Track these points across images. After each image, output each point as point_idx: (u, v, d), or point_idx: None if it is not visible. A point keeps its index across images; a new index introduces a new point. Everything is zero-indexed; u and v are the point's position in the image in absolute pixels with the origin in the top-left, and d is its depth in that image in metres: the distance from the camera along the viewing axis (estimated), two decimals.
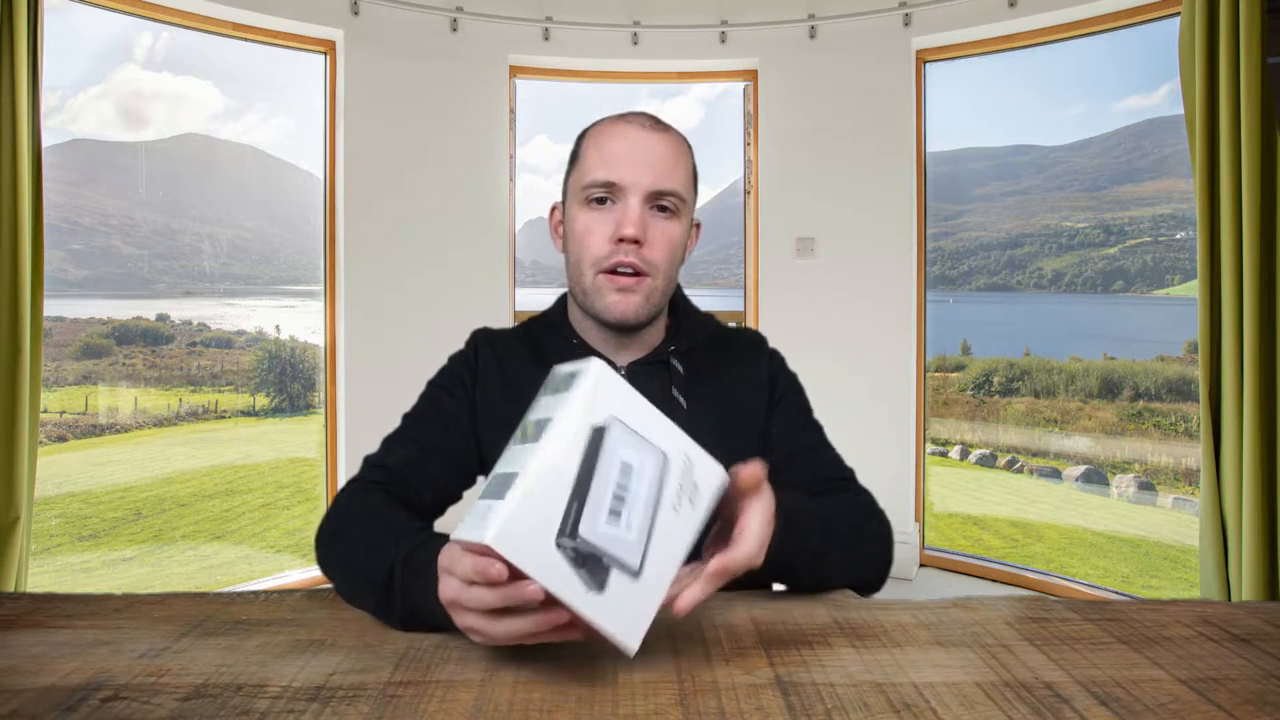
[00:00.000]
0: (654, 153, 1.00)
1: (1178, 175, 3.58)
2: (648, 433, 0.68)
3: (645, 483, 0.67)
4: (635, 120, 1.03)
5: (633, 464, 0.66)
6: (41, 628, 0.80)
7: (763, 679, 0.69)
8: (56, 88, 3.24)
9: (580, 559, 0.63)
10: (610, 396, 0.67)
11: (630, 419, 0.67)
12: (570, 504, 0.63)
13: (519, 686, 0.68)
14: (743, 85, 3.76)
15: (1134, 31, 3.16)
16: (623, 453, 0.66)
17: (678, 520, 0.68)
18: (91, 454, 3.53)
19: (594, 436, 0.65)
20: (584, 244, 1.03)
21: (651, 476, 0.67)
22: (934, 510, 3.79)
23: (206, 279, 3.76)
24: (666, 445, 0.69)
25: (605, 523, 0.64)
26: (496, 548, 0.60)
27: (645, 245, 1.01)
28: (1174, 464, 3.51)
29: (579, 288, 1.06)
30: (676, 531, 0.68)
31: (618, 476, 0.65)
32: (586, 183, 1.02)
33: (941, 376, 4.02)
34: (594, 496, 0.64)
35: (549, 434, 0.64)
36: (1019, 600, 0.90)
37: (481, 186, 3.59)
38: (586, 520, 0.63)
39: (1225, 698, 0.65)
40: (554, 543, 0.62)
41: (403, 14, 3.42)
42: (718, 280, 4.69)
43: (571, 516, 0.63)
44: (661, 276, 1.03)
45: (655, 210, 1.02)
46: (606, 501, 0.65)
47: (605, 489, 0.65)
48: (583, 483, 0.64)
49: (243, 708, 0.63)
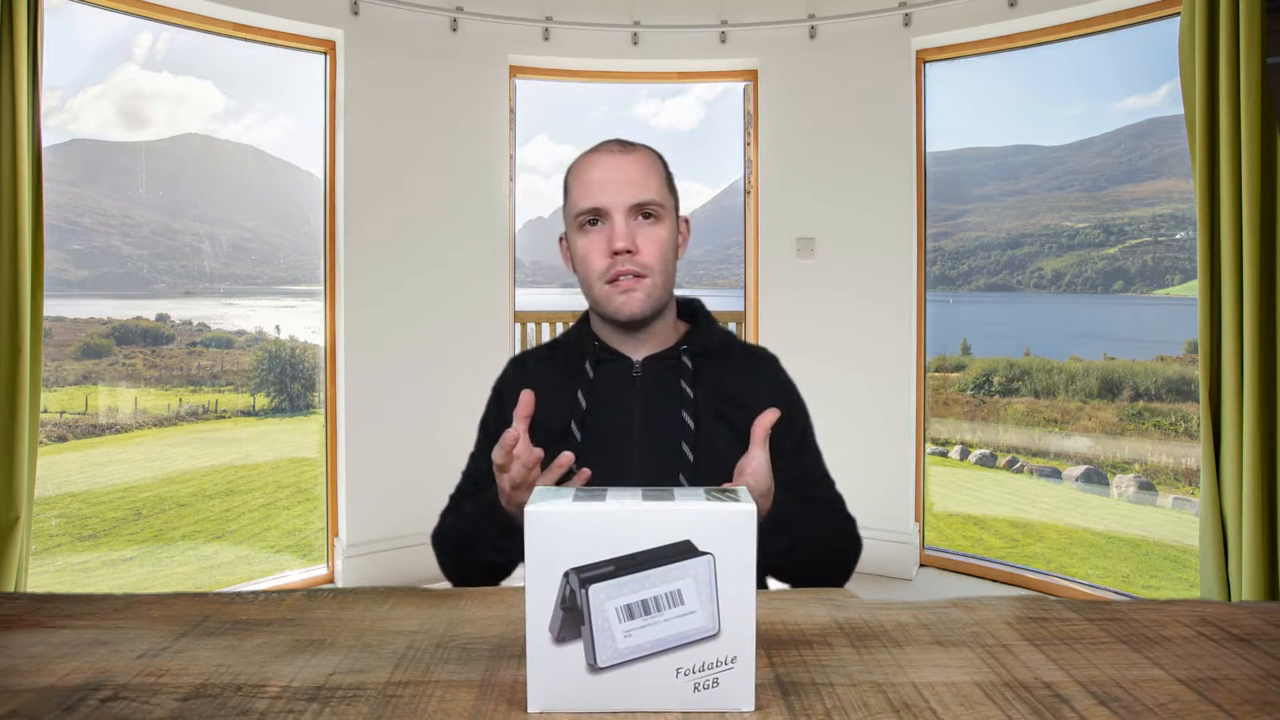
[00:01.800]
0: (626, 172, 1.17)
1: (1178, 175, 3.58)
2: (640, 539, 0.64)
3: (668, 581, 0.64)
4: (605, 149, 1.20)
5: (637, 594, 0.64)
6: (41, 628, 0.80)
7: (763, 679, 0.69)
8: (56, 88, 3.25)
9: None
10: None
11: None
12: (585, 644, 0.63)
13: (519, 686, 0.68)
14: (743, 85, 3.76)
15: (1134, 31, 3.16)
16: (614, 599, 0.64)
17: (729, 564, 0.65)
18: (91, 454, 3.53)
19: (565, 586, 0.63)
20: (587, 263, 1.19)
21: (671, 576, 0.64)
22: (934, 510, 3.79)
23: (206, 279, 3.76)
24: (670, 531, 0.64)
25: (625, 635, 0.64)
26: (535, 710, 0.64)
27: (637, 252, 1.16)
28: (1174, 464, 3.51)
29: (591, 299, 1.23)
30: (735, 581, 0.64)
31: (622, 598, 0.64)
32: (576, 212, 1.19)
33: (941, 376, 4.02)
34: (598, 627, 0.63)
35: None
36: (1019, 600, 0.90)
37: (481, 186, 3.59)
38: (603, 648, 0.63)
39: (1225, 698, 0.65)
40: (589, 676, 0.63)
41: (403, 14, 3.42)
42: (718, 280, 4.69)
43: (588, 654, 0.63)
44: (658, 274, 1.18)
45: (640, 219, 1.18)
46: (614, 621, 0.63)
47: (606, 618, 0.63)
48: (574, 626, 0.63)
49: (242, 708, 0.63)
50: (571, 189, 1.21)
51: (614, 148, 1.20)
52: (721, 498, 0.65)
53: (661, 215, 1.18)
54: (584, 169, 1.20)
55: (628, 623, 0.64)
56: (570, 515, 0.63)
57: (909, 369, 3.54)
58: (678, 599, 0.63)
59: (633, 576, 0.63)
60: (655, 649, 0.63)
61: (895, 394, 3.52)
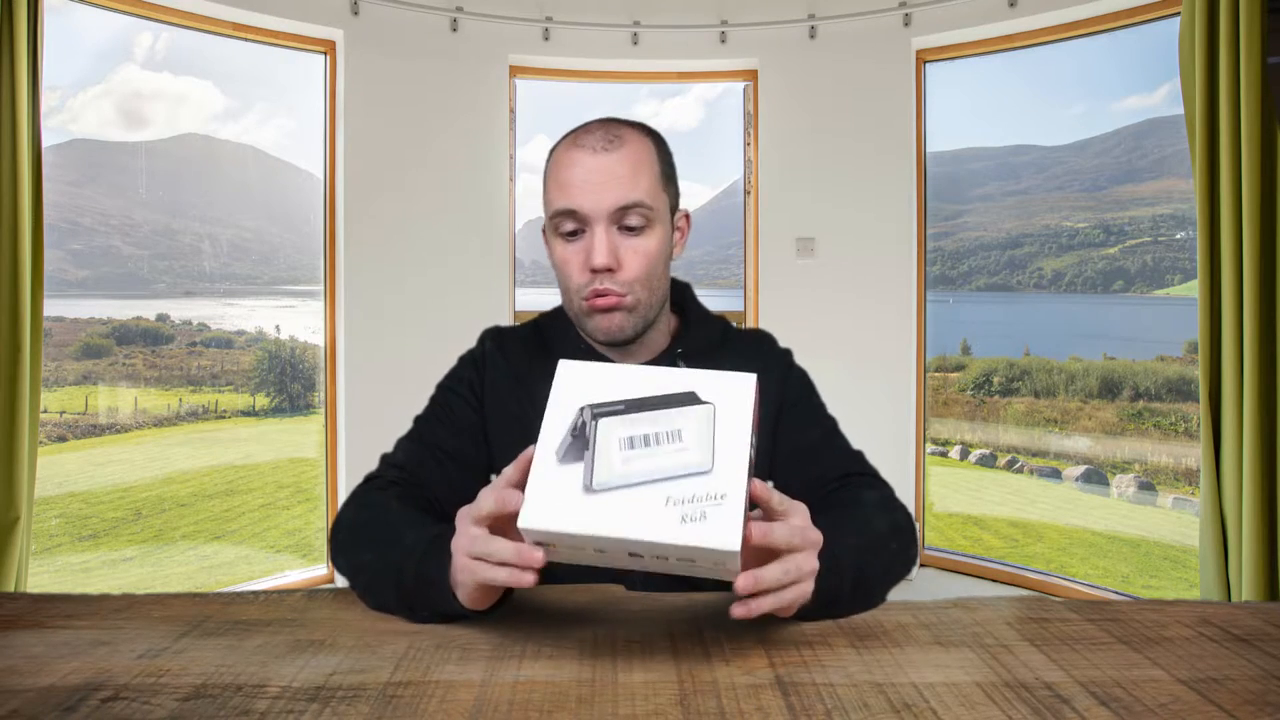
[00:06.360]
0: (609, 173, 0.99)
1: (1178, 175, 3.58)
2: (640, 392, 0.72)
3: (661, 426, 0.71)
4: (587, 144, 1.01)
5: (635, 433, 0.70)
6: (41, 628, 0.80)
7: (763, 679, 0.69)
8: (56, 88, 3.24)
9: None
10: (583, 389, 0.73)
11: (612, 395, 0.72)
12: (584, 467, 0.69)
13: (519, 686, 0.68)
14: (743, 85, 3.76)
15: (1134, 31, 3.16)
16: (619, 430, 0.70)
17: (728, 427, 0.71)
18: (91, 454, 3.53)
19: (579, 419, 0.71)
20: (564, 274, 1.05)
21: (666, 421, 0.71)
22: (934, 510, 3.79)
23: (206, 279, 3.76)
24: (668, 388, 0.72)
25: (624, 461, 0.69)
26: (525, 525, 0.68)
27: (619, 269, 1.01)
28: (1174, 464, 3.51)
29: (570, 311, 1.09)
30: (731, 433, 0.70)
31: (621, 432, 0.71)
32: (552, 213, 1.03)
33: (941, 376, 4.02)
34: (600, 452, 0.69)
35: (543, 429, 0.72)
36: (1019, 600, 0.90)
37: (481, 186, 3.58)
38: (600, 471, 0.68)
39: (1225, 698, 0.65)
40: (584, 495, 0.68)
41: (403, 14, 3.42)
42: (718, 280, 4.69)
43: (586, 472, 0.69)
44: (642, 290, 1.03)
45: (625, 230, 1.02)
46: (615, 449, 0.69)
47: (610, 444, 0.69)
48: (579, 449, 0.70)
49: (243, 708, 0.63)
50: (547, 182, 1.05)
51: (597, 143, 1.01)
52: None
53: (651, 220, 1.02)
54: (560, 165, 1.03)
55: (628, 451, 0.68)
56: (595, 369, 0.73)
57: (909, 369, 3.54)
58: (677, 437, 0.68)
59: (640, 415, 0.69)
60: (650, 477, 0.68)
61: (895, 394, 3.52)
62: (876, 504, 1.01)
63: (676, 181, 1.10)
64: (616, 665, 0.72)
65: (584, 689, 0.67)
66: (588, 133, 1.03)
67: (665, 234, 1.06)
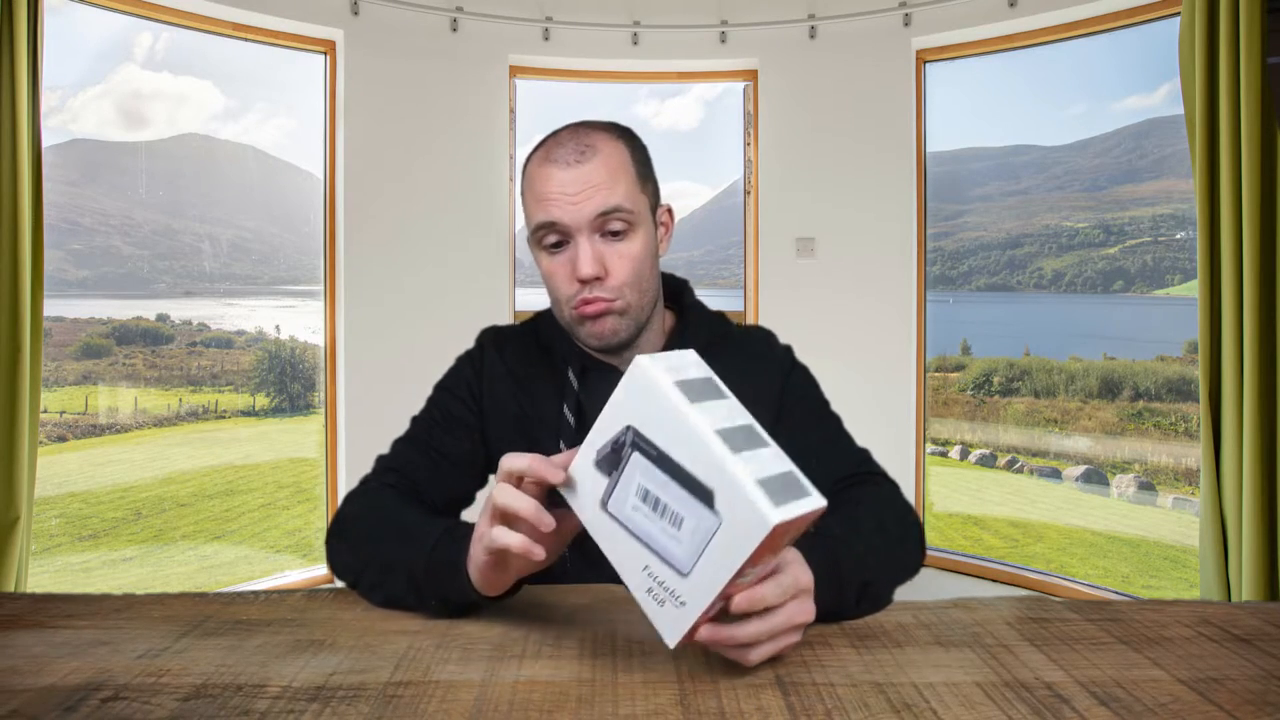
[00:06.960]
0: (585, 183, 0.98)
1: (1178, 175, 3.58)
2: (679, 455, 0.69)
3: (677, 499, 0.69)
4: (559, 158, 1.00)
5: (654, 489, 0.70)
6: (41, 628, 0.80)
7: (763, 679, 0.69)
8: (56, 88, 3.24)
9: None
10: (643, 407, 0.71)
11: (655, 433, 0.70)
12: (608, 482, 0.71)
13: (519, 686, 0.68)
14: (743, 85, 3.76)
15: (1134, 31, 3.16)
16: (641, 479, 0.70)
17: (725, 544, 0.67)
18: (91, 454, 3.53)
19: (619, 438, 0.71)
20: (552, 286, 1.05)
21: None
22: (934, 510, 3.79)
23: (206, 279, 3.76)
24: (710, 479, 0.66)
25: (633, 507, 0.70)
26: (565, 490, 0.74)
27: (607, 276, 1.01)
28: (1174, 464, 3.51)
29: (561, 322, 1.08)
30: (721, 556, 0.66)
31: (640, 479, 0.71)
32: (534, 226, 1.02)
33: (941, 376, 4.02)
34: (623, 482, 0.70)
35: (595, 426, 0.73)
36: (1019, 600, 0.90)
37: (481, 186, 3.58)
38: (616, 499, 0.71)
39: (1225, 698, 0.65)
40: (601, 506, 0.72)
41: (403, 14, 3.42)
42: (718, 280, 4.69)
43: (608, 490, 0.71)
44: (632, 293, 1.03)
45: (607, 237, 1.01)
46: (632, 490, 0.70)
47: (630, 483, 0.70)
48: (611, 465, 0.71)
49: (243, 708, 0.63)
50: (526, 198, 1.04)
51: (570, 155, 0.99)
52: (773, 493, 0.65)
53: (633, 223, 1.01)
54: (536, 179, 1.01)
55: (638, 500, 0.69)
56: (665, 392, 0.68)
57: (909, 369, 3.54)
58: (677, 523, 0.68)
59: (661, 475, 0.68)
60: (644, 538, 0.69)
61: (895, 394, 3.52)
62: (882, 504, 1.01)
63: (655, 178, 1.09)
64: (616, 665, 0.72)
65: (584, 689, 0.67)
66: (558, 144, 1.01)
67: (649, 234, 1.05)
